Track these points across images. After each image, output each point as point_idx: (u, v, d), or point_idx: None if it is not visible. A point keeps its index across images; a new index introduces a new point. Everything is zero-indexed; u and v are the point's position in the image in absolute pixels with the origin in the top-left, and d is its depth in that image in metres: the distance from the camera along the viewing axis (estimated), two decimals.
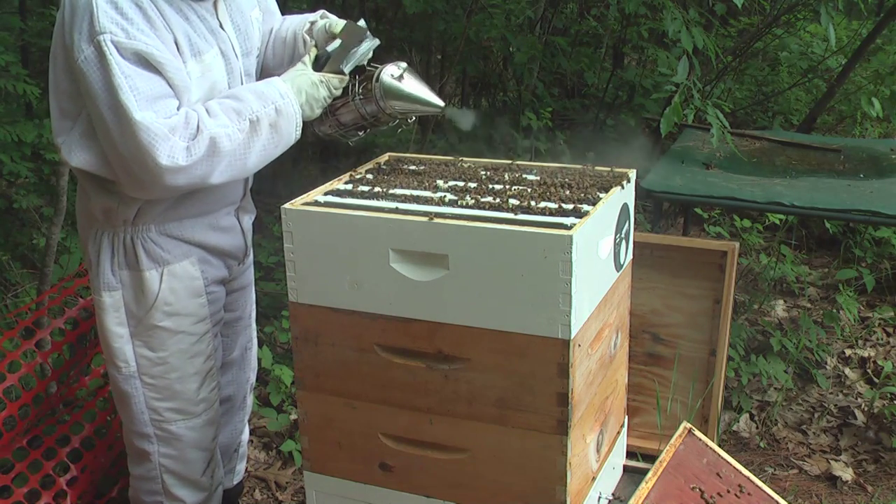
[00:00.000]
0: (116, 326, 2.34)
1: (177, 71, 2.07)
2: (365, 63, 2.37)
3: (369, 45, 2.35)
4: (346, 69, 2.32)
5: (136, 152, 2.01)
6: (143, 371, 2.37)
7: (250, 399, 2.90)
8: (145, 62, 2.01)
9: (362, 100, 2.34)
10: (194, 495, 2.58)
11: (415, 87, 2.34)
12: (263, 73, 2.50)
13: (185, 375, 2.41)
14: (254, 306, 2.81)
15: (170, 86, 2.06)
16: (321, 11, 2.50)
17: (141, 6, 2.03)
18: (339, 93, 2.32)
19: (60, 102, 2.16)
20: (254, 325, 2.83)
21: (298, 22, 2.54)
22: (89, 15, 1.99)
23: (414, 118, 2.44)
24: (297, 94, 2.23)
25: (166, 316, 2.33)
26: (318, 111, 2.29)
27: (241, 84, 2.33)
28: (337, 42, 2.34)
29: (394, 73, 2.31)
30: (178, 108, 2.08)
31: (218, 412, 2.57)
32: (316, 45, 2.39)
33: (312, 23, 2.48)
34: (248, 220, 2.56)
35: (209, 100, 2.19)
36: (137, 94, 1.99)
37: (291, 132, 2.23)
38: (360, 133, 2.45)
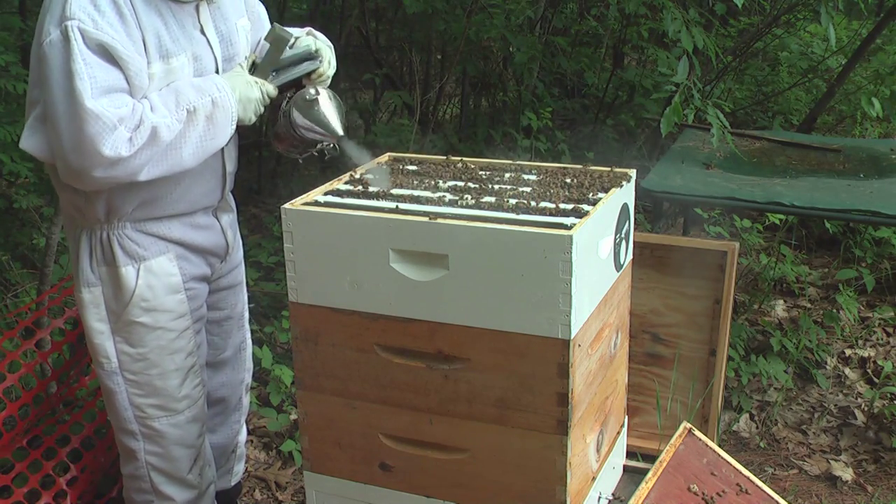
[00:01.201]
0: (97, 322, 2.36)
1: (138, 71, 2.09)
2: (302, 78, 2.40)
3: (307, 62, 2.38)
4: (274, 78, 2.34)
5: (81, 140, 2.01)
6: (125, 367, 2.39)
7: (246, 400, 2.90)
8: (108, 55, 2.03)
9: (283, 116, 2.35)
10: (183, 493, 2.58)
11: (322, 113, 2.35)
12: None
13: (165, 371, 2.42)
14: (245, 306, 2.79)
15: (128, 83, 2.08)
16: (307, 28, 2.53)
17: (116, 1, 2.05)
18: (272, 96, 2.33)
19: (31, 90, 2.18)
20: (247, 326, 2.82)
21: None
22: (63, 1, 2.01)
23: (325, 151, 2.44)
24: (232, 90, 2.23)
25: (144, 312, 2.34)
26: (251, 113, 2.28)
27: None
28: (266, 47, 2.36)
29: (308, 96, 2.34)
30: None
31: (203, 410, 2.56)
32: (255, 53, 2.43)
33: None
34: (227, 219, 2.55)
35: None
36: (94, 82, 2.00)
37: (227, 126, 2.22)
38: (296, 154, 2.45)
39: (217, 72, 2.30)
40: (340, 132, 2.38)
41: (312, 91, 2.34)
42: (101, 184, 2.12)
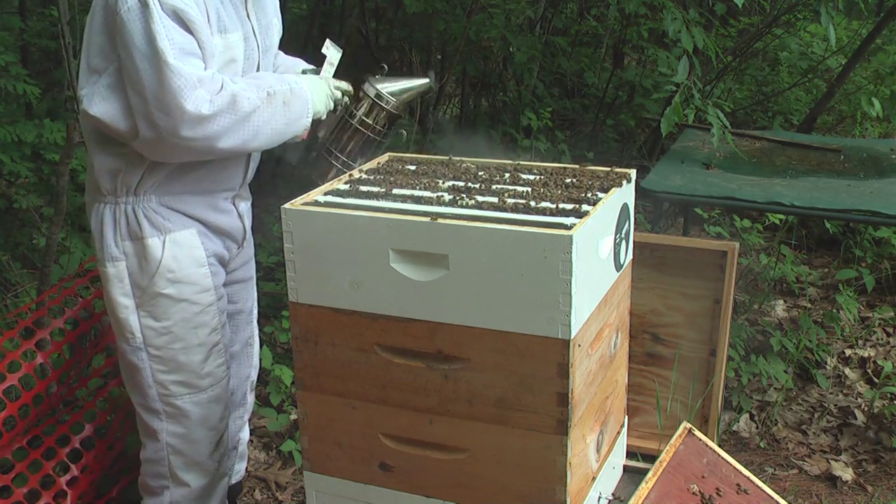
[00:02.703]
0: (122, 297, 2.40)
1: (207, 37, 2.20)
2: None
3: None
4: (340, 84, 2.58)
5: (165, 95, 2.11)
6: (149, 342, 2.42)
7: (251, 397, 2.91)
8: (181, 21, 2.14)
9: (363, 110, 2.58)
10: (200, 479, 2.60)
11: (395, 79, 2.63)
12: None
13: (189, 346, 2.45)
14: (255, 303, 2.85)
15: (199, 48, 2.18)
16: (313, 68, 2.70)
17: None
18: (340, 97, 2.55)
19: (90, 59, 2.25)
20: (255, 323, 2.86)
21: (290, 65, 2.71)
22: None
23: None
24: (308, 85, 2.40)
25: (169, 283, 2.39)
26: (322, 106, 2.46)
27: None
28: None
29: (372, 77, 2.59)
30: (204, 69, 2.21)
31: (226, 391, 2.59)
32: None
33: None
34: (244, 206, 2.61)
35: (227, 76, 2.30)
36: (173, 43, 2.11)
37: (303, 115, 2.36)
38: (360, 160, 2.61)
39: (259, 58, 2.44)
40: (424, 79, 2.71)
41: (371, 76, 2.62)
42: (183, 150, 2.21)
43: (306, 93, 2.37)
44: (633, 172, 2.40)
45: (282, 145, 2.43)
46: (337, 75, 2.62)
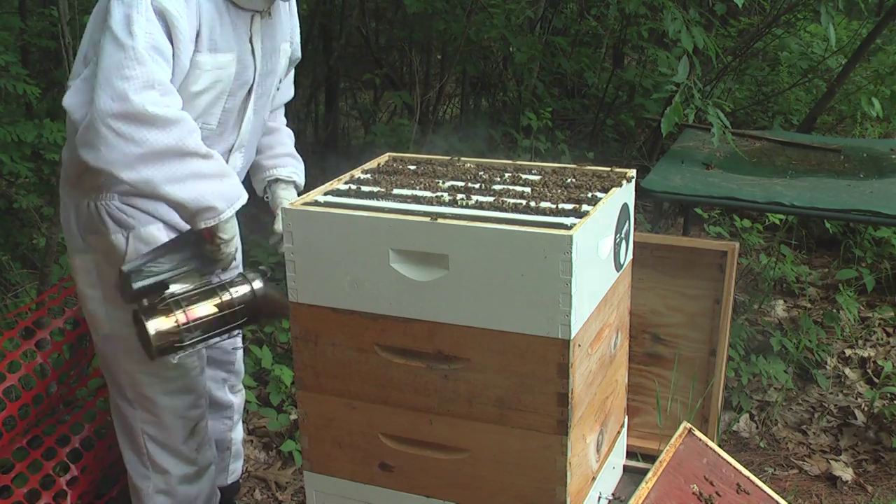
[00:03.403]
0: (89, 289, 2.41)
1: (185, 51, 2.12)
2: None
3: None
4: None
5: (115, 78, 2.00)
6: (117, 332, 2.42)
7: (236, 399, 2.91)
8: (166, 25, 2.07)
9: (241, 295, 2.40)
10: (179, 467, 2.60)
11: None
12: None
13: None
14: None
15: (172, 59, 2.10)
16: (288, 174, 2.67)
17: None
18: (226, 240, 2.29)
19: (87, 52, 2.20)
20: (239, 332, 2.76)
21: (277, 143, 2.70)
22: None
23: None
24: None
25: None
26: (230, 232, 2.26)
27: (251, 97, 2.39)
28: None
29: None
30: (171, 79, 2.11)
31: (197, 382, 2.57)
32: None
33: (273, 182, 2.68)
34: None
35: (211, 94, 2.25)
36: (149, 38, 2.03)
37: (227, 200, 2.17)
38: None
39: (253, 83, 2.36)
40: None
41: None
42: (101, 147, 2.03)
43: (245, 198, 2.23)
44: (633, 172, 2.40)
45: None
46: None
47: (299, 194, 2.73)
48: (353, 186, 2.33)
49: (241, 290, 2.39)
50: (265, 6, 2.32)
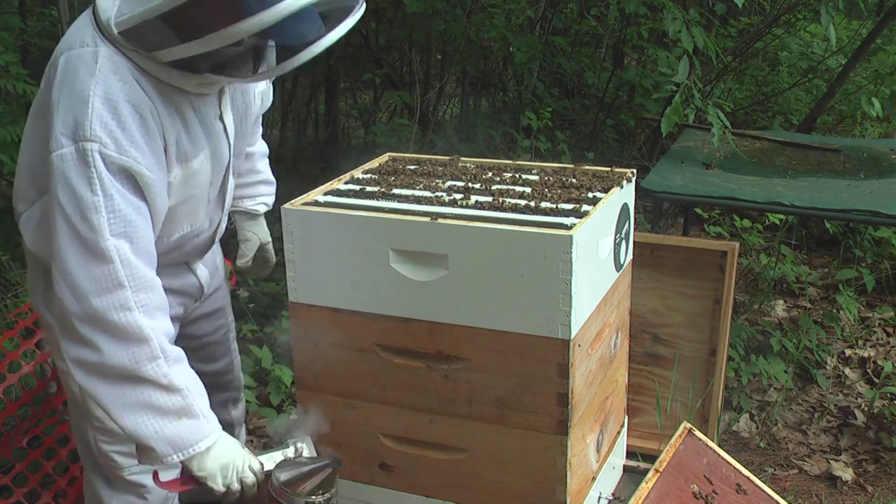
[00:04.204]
0: (62, 363, 2.03)
1: (160, 192, 1.84)
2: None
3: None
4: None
5: (77, 279, 1.75)
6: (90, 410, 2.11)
7: (237, 413, 2.70)
8: (132, 180, 1.77)
9: None
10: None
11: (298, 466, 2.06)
12: None
13: None
14: (231, 329, 2.60)
15: (149, 210, 1.83)
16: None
17: (142, 113, 1.79)
18: (250, 481, 1.95)
19: (33, 165, 1.90)
20: (234, 351, 2.64)
21: (257, 181, 2.54)
22: (81, 109, 1.74)
23: None
24: (216, 443, 1.90)
25: None
26: (216, 478, 1.90)
27: (228, 176, 2.15)
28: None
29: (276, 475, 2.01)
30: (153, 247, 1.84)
31: None
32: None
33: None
34: (203, 268, 2.32)
35: (189, 203, 2.01)
36: (113, 217, 1.74)
37: (178, 446, 1.83)
38: None
39: (230, 156, 2.11)
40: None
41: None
42: (65, 330, 1.79)
43: (209, 442, 1.86)
44: (633, 172, 2.40)
45: None
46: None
47: (269, 215, 2.58)
48: (353, 186, 2.33)
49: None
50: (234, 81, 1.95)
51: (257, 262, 2.52)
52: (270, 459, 2.01)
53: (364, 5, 1.83)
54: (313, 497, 1.98)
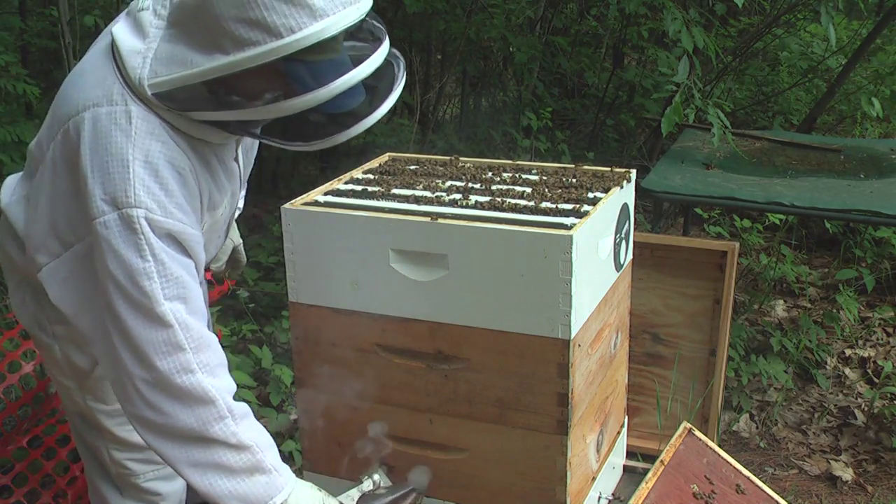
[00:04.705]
0: (63, 378, 2.10)
1: (200, 247, 1.83)
2: None
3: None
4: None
5: (139, 344, 1.72)
6: (102, 424, 2.13)
7: None
8: (177, 243, 1.75)
9: None
10: None
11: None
12: None
13: None
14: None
15: (195, 266, 1.81)
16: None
17: (182, 173, 1.75)
18: None
19: (55, 218, 1.82)
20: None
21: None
22: (122, 175, 1.69)
23: None
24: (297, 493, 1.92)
25: None
26: None
27: (235, 208, 2.16)
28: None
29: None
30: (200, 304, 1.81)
31: None
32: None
33: None
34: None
35: (209, 243, 1.99)
36: (166, 281, 1.71)
37: (222, 495, 1.79)
38: None
39: (238, 198, 2.12)
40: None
41: None
42: (132, 395, 1.76)
43: (283, 496, 1.86)
44: (633, 172, 2.40)
45: None
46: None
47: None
48: (353, 186, 2.33)
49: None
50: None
51: (229, 263, 2.50)
52: (349, 498, 2.02)
53: (405, 76, 1.79)
54: None
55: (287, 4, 1.56)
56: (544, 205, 2.13)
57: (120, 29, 1.76)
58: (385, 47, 1.70)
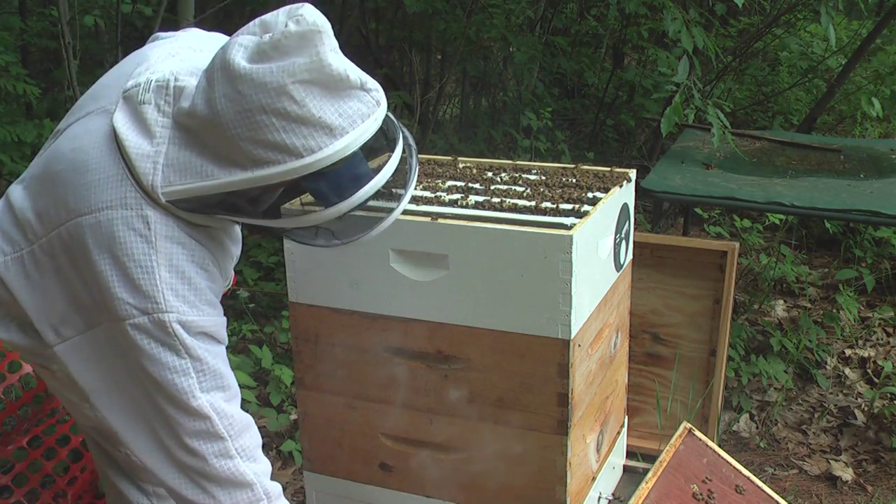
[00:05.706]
0: (69, 394, 2.04)
1: (225, 328, 1.82)
2: None
3: None
4: None
5: (185, 438, 1.74)
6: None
7: None
8: (210, 337, 1.76)
9: None
10: None
11: None
12: None
13: None
14: None
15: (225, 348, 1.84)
16: None
17: (205, 268, 1.75)
18: None
19: (79, 295, 1.75)
20: None
21: None
22: (147, 282, 1.66)
23: None
24: None
25: None
26: None
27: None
28: None
29: None
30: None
31: None
32: None
33: None
34: None
35: None
36: (203, 375, 1.72)
37: None
38: None
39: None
40: None
41: None
42: (183, 483, 1.79)
43: None
44: (633, 172, 2.40)
45: None
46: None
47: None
48: None
49: None
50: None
51: None
52: None
53: (416, 177, 1.77)
54: None
55: (304, 126, 1.55)
56: (544, 205, 2.13)
57: (122, 122, 1.69)
58: (401, 147, 1.68)
